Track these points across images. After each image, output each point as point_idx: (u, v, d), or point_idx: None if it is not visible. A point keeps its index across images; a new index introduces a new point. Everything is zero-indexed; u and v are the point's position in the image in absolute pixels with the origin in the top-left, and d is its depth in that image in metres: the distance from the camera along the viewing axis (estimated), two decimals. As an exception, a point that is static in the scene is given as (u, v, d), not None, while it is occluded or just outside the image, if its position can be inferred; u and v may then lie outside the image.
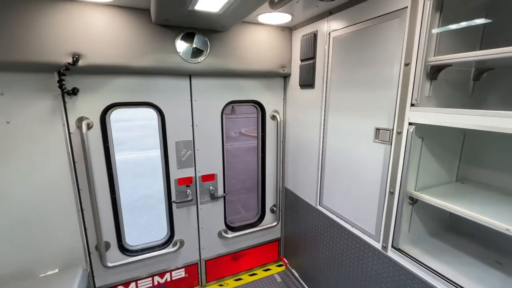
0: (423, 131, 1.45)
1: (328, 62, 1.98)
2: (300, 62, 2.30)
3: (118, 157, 2.14)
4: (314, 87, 2.17)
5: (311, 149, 2.28)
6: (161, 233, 2.50)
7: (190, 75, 2.19)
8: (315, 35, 2.08)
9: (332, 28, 1.90)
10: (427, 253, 1.57)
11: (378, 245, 1.69)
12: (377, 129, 1.62)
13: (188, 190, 2.35)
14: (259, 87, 2.50)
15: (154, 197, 6.79)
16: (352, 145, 1.83)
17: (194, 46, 2.03)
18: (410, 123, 1.42)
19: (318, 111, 2.14)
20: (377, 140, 1.63)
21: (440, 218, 1.76)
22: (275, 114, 2.58)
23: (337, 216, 2.05)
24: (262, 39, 2.27)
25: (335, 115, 1.96)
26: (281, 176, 2.72)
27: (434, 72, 1.36)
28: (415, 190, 1.53)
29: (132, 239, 2.36)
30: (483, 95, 1.61)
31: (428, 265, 1.44)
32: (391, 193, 1.56)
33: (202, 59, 2.09)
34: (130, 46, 1.85)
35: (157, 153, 2.30)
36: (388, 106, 1.53)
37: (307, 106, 2.28)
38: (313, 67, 2.14)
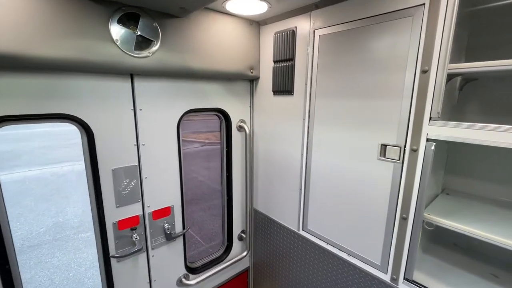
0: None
1: (312, 65, 1.68)
2: (273, 63, 1.94)
3: (9, 176, 1.31)
4: (293, 94, 1.84)
5: (289, 165, 1.95)
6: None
7: (132, 74, 1.55)
8: (293, 33, 1.75)
9: (317, 25, 1.61)
10: (435, 278, 1.43)
11: (386, 277, 1.48)
12: (383, 145, 1.40)
13: (134, 235, 1.69)
14: (223, 92, 2.03)
15: (69, 225, 5.39)
16: (349, 162, 1.57)
17: (138, 33, 1.43)
18: (428, 139, 1.23)
19: (299, 122, 1.82)
20: (383, 158, 1.41)
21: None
22: (242, 124, 2.15)
23: (327, 243, 1.77)
24: (228, 32, 1.81)
25: (323, 128, 1.68)
26: (250, 196, 2.31)
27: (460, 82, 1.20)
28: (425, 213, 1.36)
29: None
30: (464, 105, 1.58)
31: (451, 298, 1.28)
32: (404, 219, 1.36)
33: (151, 52, 1.49)
34: (30, 24, 1.13)
35: (69, 167, 1.54)
36: (399, 119, 1.32)
37: (283, 116, 1.94)
38: (291, 71, 1.81)
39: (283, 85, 1.88)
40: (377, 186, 1.45)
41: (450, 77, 1.22)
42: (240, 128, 2.17)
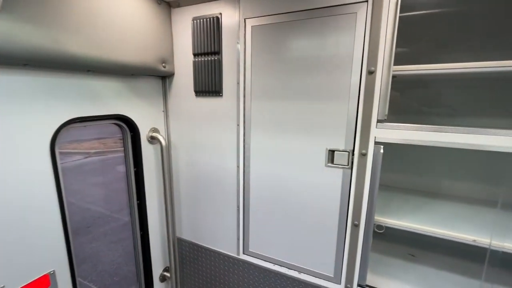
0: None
1: (245, 62, 1.41)
2: (193, 57, 1.56)
3: None
4: (222, 95, 1.52)
5: (222, 180, 1.63)
6: None
7: None
8: (218, 20, 1.43)
9: (248, 13, 1.35)
10: (382, 276, 1.47)
11: (340, 287, 1.41)
12: (330, 151, 1.30)
13: None
14: (124, 92, 1.48)
15: None
16: (294, 172, 1.40)
17: None
18: (376, 142, 1.19)
19: (232, 128, 1.53)
20: (331, 165, 1.30)
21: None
22: (155, 134, 1.65)
23: (274, 264, 1.57)
24: (126, 10, 1.30)
25: (262, 134, 1.45)
26: (172, 224, 1.83)
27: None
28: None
29: None
30: (398, 106, 1.70)
31: (401, 295, 1.31)
32: (355, 226, 1.30)
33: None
34: None
35: None
36: (346, 123, 1.24)
37: (211, 122, 1.60)
38: (218, 67, 1.49)
39: (209, 84, 1.53)
40: (326, 195, 1.34)
41: (393, 78, 1.21)
42: (153, 140, 1.67)
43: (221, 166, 1.62)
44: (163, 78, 1.69)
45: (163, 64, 1.55)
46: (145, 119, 1.61)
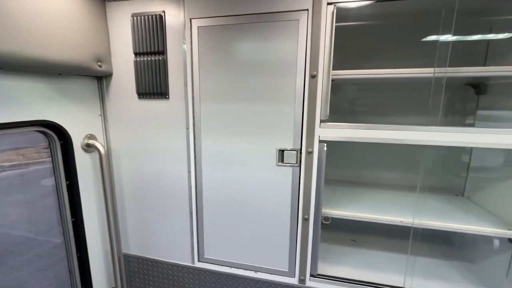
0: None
1: (192, 63, 1.37)
2: (133, 56, 1.45)
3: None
4: (168, 97, 1.45)
5: (172, 187, 1.56)
6: None
7: None
8: (161, 18, 1.36)
9: (193, 13, 1.32)
10: (330, 263, 1.60)
11: (294, 280, 1.48)
12: (280, 151, 1.35)
13: None
14: (51, 95, 1.29)
15: None
16: (247, 173, 1.42)
17: None
18: (320, 141, 1.30)
19: (181, 132, 1.47)
20: (281, 164, 1.36)
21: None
22: (91, 142, 1.48)
23: (231, 267, 1.56)
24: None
25: (214, 137, 1.43)
26: (116, 239, 1.66)
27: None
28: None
29: None
30: (338, 107, 1.85)
31: (347, 277, 1.45)
32: (306, 220, 1.39)
33: None
34: None
35: None
36: (293, 123, 1.31)
37: (157, 126, 1.50)
38: (163, 68, 1.42)
39: (153, 86, 1.44)
40: (278, 193, 1.40)
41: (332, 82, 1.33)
42: (89, 147, 1.49)
43: (171, 173, 1.54)
44: (99, 78, 1.53)
45: (99, 63, 1.39)
46: (79, 124, 1.43)
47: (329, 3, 1.17)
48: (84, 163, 1.48)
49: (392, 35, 1.68)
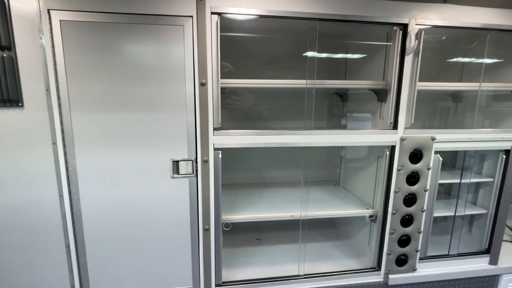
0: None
1: (56, 64, 1.13)
2: (-41, 50, 1.07)
3: None
4: (22, 105, 1.14)
5: (37, 219, 1.24)
6: None
7: None
8: (2, 4, 1.06)
9: (52, 3, 1.09)
10: (235, 267, 1.62)
11: (200, 295, 1.42)
12: (175, 162, 1.28)
13: None
14: None
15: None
16: (138, 190, 1.28)
17: None
18: (215, 149, 1.29)
19: (45, 148, 1.18)
20: (177, 175, 1.29)
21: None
22: None
23: (127, 298, 1.37)
24: None
25: (92, 152, 1.21)
26: None
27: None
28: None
29: None
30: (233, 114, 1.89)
31: (251, 278, 1.50)
32: (207, 230, 1.36)
33: None
34: None
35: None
36: (186, 132, 1.26)
37: (5, 142, 1.16)
38: (11, 67, 1.10)
39: (-4, 90, 1.11)
40: (176, 207, 1.32)
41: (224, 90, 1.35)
42: None
43: (33, 201, 1.21)
44: None
45: None
46: None
47: (213, 13, 1.18)
48: None
49: (281, 47, 1.86)
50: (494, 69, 1.84)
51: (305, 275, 1.53)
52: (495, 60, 1.83)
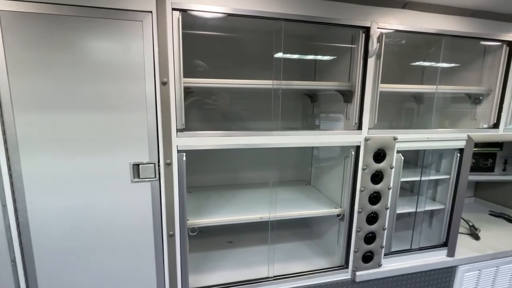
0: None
1: (-7, 58, 1.01)
2: None
3: None
4: (-47, 105, 1.01)
5: (-25, 230, 1.11)
6: None
7: None
8: None
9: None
10: (205, 272, 1.58)
11: (165, 303, 1.36)
12: (135, 165, 1.21)
13: None
14: None
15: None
16: (94, 196, 1.19)
17: None
18: (179, 151, 1.24)
19: (-18, 152, 1.06)
20: (137, 180, 1.22)
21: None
22: None
23: (83, 313, 1.27)
24: None
25: (41, 156, 1.11)
26: None
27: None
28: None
29: None
30: (190, 114, 1.83)
31: (220, 283, 1.46)
32: (171, 236, 1.30)
33: None
34: None
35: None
36: (147, 133, 1.19)
37: None
38: None
39: None
40: (137, 213, 1.24)
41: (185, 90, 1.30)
42: None
43: (-30, 211, 1.08)
44: None
45: None
46: None
47: (174, 9, 1.13)
48: None
49: (253, 47, 1.83)
50: (452, 73, 1.96)
51: (274, 276, 1.52)
52: (452, 65, 1.95)
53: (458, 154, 1.65)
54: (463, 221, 2.03)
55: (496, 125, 1.71)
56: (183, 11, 1.14)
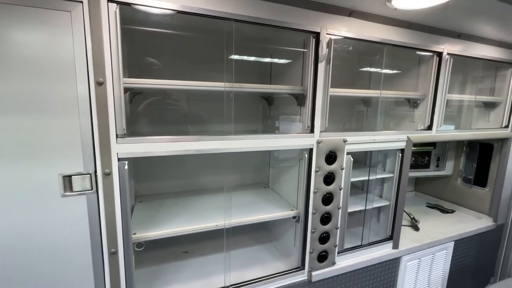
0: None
1: None
2: None
3: None
4: None
5: None
6: None
7: None
8: None
9: None
10: (158, 287, 1.46)
11: (107, 330, 1.21)
12: (66, 177, 1.05)
13: None
14: None
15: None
16: (15, 215, 1.00)
17: None
18: (120, 159, 1.12)
19: None
20: (70, 193, 1.06)
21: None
22: None
23: None
24: None
25: None
26: None
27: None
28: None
29: None
30: (136, 117, 1.70)
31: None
32: (113, 254, 1.16)
33: None
34: None
35: None
36: (81, 141, 1.05)
37: None
38: None
39: None
40: (71, 231, 1.09)
41: (126, 91, 1.17)
42: None
43: None
44: None
45: None
46: None
47: (110, 1, 1.01)
48: None
49: (208, 47, 1.76)
50: (394, 79, 2.13)
51: (231, 285, 1.47)
52: (394, 71, 2.12)
53: (400, 154, 1.79)
54: (405, 214, 2.22)
55: (430, 127, 1.89)
56: (121, 3, 1.03)
